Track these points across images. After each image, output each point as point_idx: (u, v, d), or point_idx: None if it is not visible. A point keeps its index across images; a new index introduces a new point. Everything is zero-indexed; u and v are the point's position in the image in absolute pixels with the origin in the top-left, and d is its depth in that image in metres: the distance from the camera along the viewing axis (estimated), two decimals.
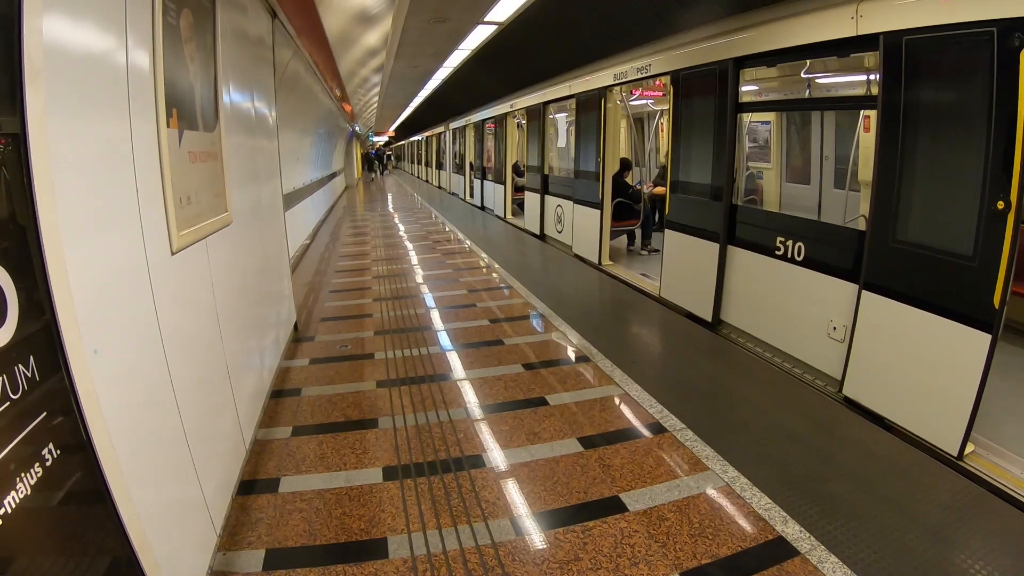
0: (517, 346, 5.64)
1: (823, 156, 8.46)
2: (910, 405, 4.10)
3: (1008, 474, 3.61)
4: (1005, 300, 3.51)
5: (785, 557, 2.77)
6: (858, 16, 4.42)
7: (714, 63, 6.25)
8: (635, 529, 2.95)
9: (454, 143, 24.01)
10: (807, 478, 3.44)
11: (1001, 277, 3.49)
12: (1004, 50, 3.40)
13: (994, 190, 3.49)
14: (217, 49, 3.22)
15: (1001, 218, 3.46)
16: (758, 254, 5.83)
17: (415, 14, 7.47)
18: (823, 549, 2.81)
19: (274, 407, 4.33)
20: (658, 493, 3.26)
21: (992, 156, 3.51)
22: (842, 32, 4.59)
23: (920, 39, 3.97)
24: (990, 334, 3.56)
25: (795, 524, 3.00)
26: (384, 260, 10.13)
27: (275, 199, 5.49)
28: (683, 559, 2.75)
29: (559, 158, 13.77)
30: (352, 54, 10.31)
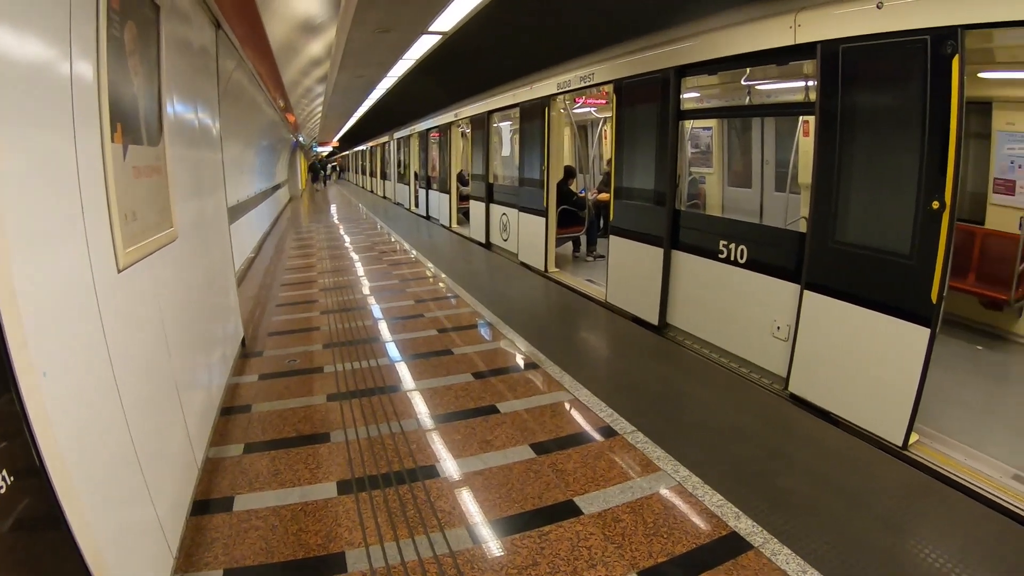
0: (466, 355, 5.67)
1: (764, 160, 8.78)
2: (854, 399, 4.28)
3: (952, 461, 3.81)
4: (942, 295, 3.71)
5: (739, 551, 2.88)
6: (796, 26, 4.62)
7: (656, 71, 6.43)
8: (591, 532, 3.02)
9: (398, 153, 23.89)
10: (757, 474, 3.57)
11: (938, 274, 3.69)
12: (937, 57, 3.60)
13: (929, 191, 3.69)
14: (161, 61, 3.17)
15: (937, 217, 3.67)
16: (702, 257, 6.01)
17: (360, 24, 7.43)
18: (776, 542, 2.93)
19: (224, 424, 4.25)
20: (612, 495, 3.34)
21: (927, 158, 3.71)
22: (781, 41, 4.79)
23: (856, 47, 4.18)
24: (929, 328, 3.75)
25: (747, 519, 3.11)
26: (330, 272, 10.02)
27: (220, 213, 5.39)
28: (639, 559, 2.83)
29: (504, 167, 13.89)
30: (296, 64, 10.18)
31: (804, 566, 2.76)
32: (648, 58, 6.61)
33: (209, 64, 5.01)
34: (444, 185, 16.37)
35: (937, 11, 3.60)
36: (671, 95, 6.22)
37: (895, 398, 3.96)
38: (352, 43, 8.51)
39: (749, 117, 8.83)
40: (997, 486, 3.53)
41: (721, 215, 7.75)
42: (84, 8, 2.14)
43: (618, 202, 7.39)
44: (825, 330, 4.51)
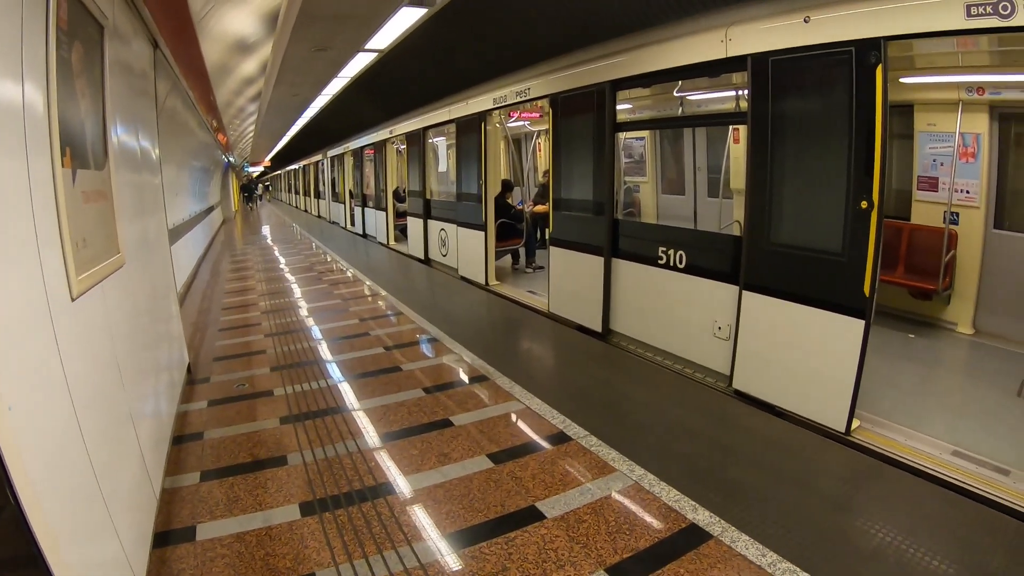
0: (414, 371, 5.70)
1: (696, 168, 9.09)
2: (797, 391, 4.51)
3: (893, 442, 4.07)
4: (875, 288, 3.96)
5: (700, 542, 3.02)
6: (727, 40, 4.85)
7: (592, 85, 6.61)
8: (555, 534, 3.09)
9: (333, 171, 23.64)
10: (709, 467, 3.75)
11: (869, 268, 3.94)
12: (862, 66, 3.87)
13: (858, 191, 3.95)
14: (105, 83, 3.11)
15: (866, 216, 3.93)
16: (642, 264, 6.20)
17: (297, 43, 7.40)
18: (734, 530, 3.09)
19: (178, 454, 4.14)
20: (572, 498, 3.43)
21: (854, 161, 3.96)
22: (713, 54, 5.02)
23: (785, 59, 4.41)
24: (864, 320, 4.00)
25: (704, 511, 3.26)
26: (270, 294, 9.85)
27: (161, 237, 5.26)
28: (605, 556, 2.92)
29: (441, 182, 13.92)
30: (229, 83, 10.02)
31: (763, 550, 2.92)
32: (584, 72, 6.80)
33: (148, 86, 4.92)
34: (380, 202, 16.29)
35: (861, 24, 3.87)
36: (607, 108, 6.41)
37: (836, 388, 4.18)
38: (288, 61, 8.46)
39: (684, 127, 9.13)
40: (938, 462, 3.80)
41: (656, 222, 7.99)
42: (34, 29, 2.11)
43: (557, 214, 7.53)
44: (765, 328, 4.73)
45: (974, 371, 5.59)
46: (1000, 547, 2.94)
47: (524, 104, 8.46)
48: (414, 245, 13.53)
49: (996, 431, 4.18)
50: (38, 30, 2.15)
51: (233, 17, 6.51)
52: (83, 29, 2.81)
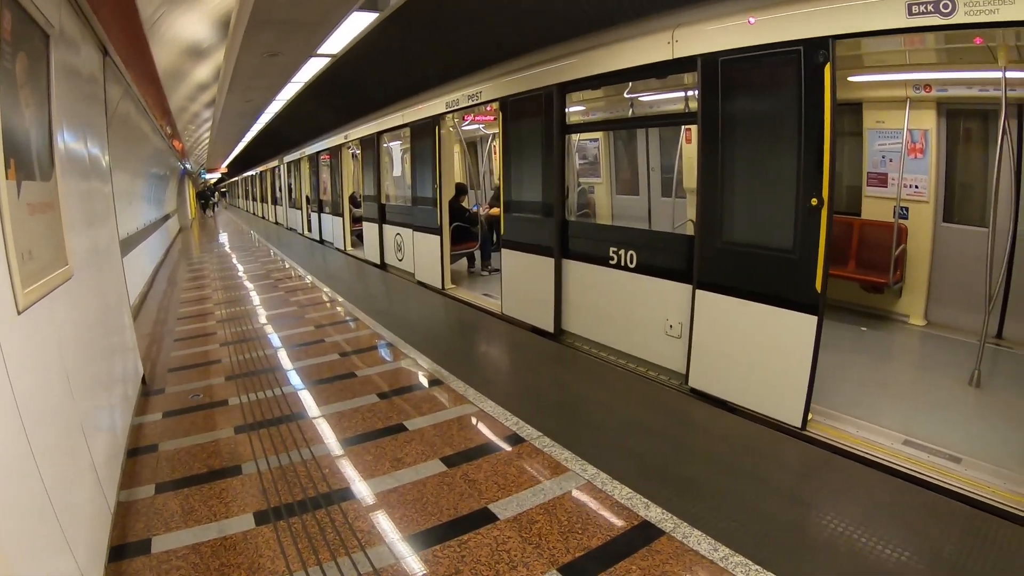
0: (370, 377, 5.72)
1: (649, 168, 9.27)
2: (752, 387, 4.62)
3: (846, 435, 4.21)
4: (826, 284, 4.07)
5: (653, 538, 3.10)
6: (674, 41, 4.96)
7: (541, 88, 6.71)
8: (508, 536, 3.16)
9: (289, 177, 23.42)
10: (663, 465, 3.84)
11: (820, 265, 4.05)
12: (811, 65, 3.97)
13: (808, 189, 4.06)
14: (51, 93, 3.09)
15: (816, 213, 4.04)
16: (593, 264, 6.30)
17: (249, 48, 7.35)
18: (686, 525, 3.18)
19: (132, 466, 4.09)
20: (525, 499, 3.50)
21: (804, 159, 4.06)
22: (660, 56, 5.13)
23: (733, 59, 4.52)
24: (816, 316, 4.11)
25: (657, 508, 3.35)
26: (226, 303, 9.75)
27: (113, 247, 5.19)
28: (558, 555, 2.99)
29: (396, 187, 13.91)
30: (182, 89, 9.88)
31: (715, 544, 3.01)
32: (533, 75, 6.90)
33: (97, 92, 4.86)
34: (336, 208, 16.23)
35: (809, 23, 3.99)
36: (556, 110, 6.51)
37: (790, 383, 4.30)
38: (241, 67, 8.39)
39: (633, 128, 9.29)
40: (890, 452, 3.96)
41: (611, 223, 8.12)
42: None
43: (508, 216, 7.63)
44: (719, 325, 4.83)
45: (926, 362, 5.83)
46: (952, 534, 3.07)
47: (476, 108, 8.54)
48: (370, 250, 13.53)
49: (948, 420, 4.35)
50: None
51: (185, 22, 6.45)
52: (28, 40, 2.79)
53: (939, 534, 3.07)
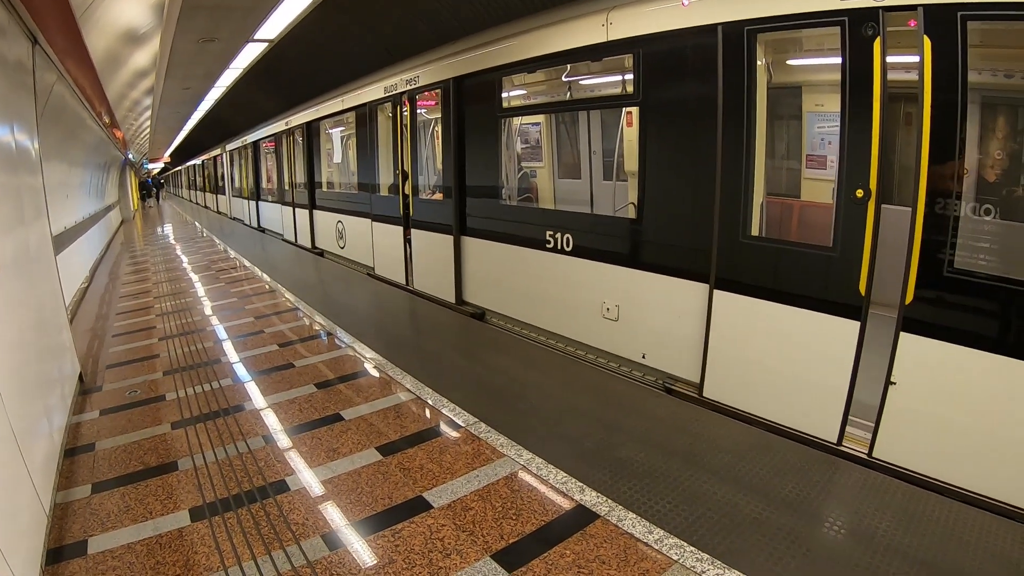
0: (307, 367, 5.76)
1: (591, 152, 9.38)
2: (780, 399, 4.33)
3: None
4: (871, 286, 3.75)
5: (587, 522, 3.20)
6: (608, 24, 5.06)
7: (478, 72, 6.84)
8: (442, 524, 3.26)
9: (232, 165, 22.99)
10: (598, 448, 3.95)
11: (866, 264, 3.72)
12: (857, 40, 3.65)
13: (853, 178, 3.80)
14: None
15: (861, 205, 3.75)
16: (528, 248, 6.47)
17: (183, 33, 7.24)
18: (621, 508, 3.29)
19: (69, 467, 4.07)
20: (459, 486, 3.60)
21: (849, 145, 3.73)
22: (595, 39, 5.23)
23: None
24: (859, 321, 3.80)
25: (592, 492, 3.46)
26: (168, 295, 9.62)
27: (44, 243, 5.08)
28: (491, 542, 3.09)
29: (339, 173, 13.87)
30: (120, 77, 9.61)
31: (649, 527, 3.12)
32: (470, 59, 6.98)
33: (26, 80, 4.73)
34: (280, 196, 16.08)
35: (732, 4, 4.11)
36: (495, 94, 6.62)
37: (825, 394, 4.00)
38: (176, 53, 8.26)
39: (569, 111, 9.38)
40: None
41: (554, 207, 8.28)
42: None
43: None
44: (741, 330, 4.52)
45: None
46: None
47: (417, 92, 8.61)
48: (306, 236, 13.67)
49: None
50: None
51: (120, 8, 6.30)
52: None
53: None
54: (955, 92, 3.21)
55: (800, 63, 6.50)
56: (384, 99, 9.19)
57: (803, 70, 6.65)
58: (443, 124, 7.80)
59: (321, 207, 12.86)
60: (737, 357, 4.44)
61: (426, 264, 8.65)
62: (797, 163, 6.79)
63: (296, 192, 14.20)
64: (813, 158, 6.97)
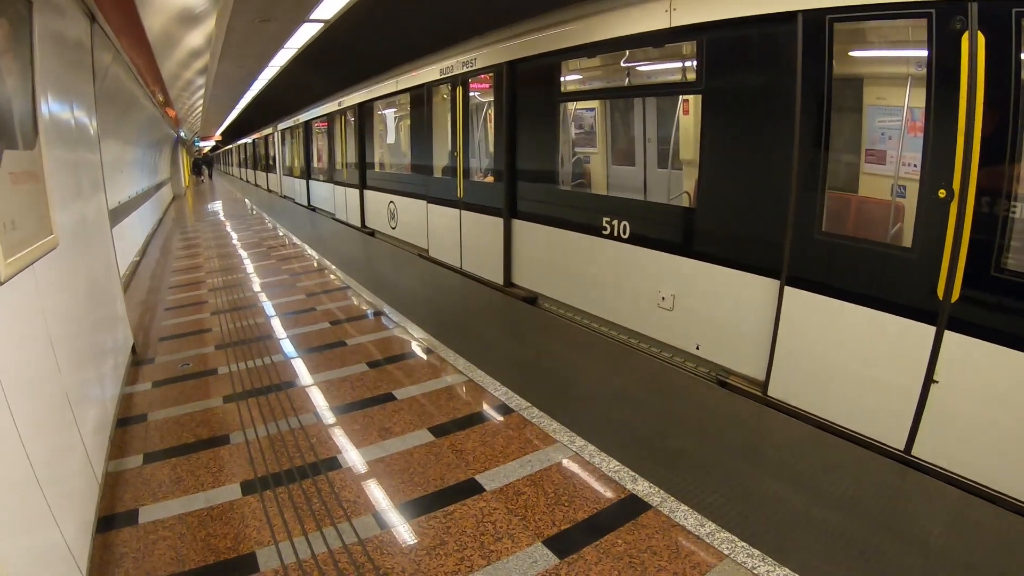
0: (360, 346, 5.74)
1: (646, 139, 9.19)
2: (848, 402, 4.16)
3: None
4: (951, 291, 3.56)
5: (639, 512, 3.12)
6: (672, 10, 4.90)
7: (536, 56, 6.73)
8: (494, 507, 3.19)
9: (283, 144, 23.27)
10: (650, 438, 3.85)
11: (944, 268, 3.55)
12: (945, 32, 3.47)
13: (935, 177, 3.64)
14: (35, 60, 3.04)
15: (943, 207, 3.59)
16: (584, 234, 6.39)
17: (240, 14, 7.27)
18: (673, 500, 3.20)
19: (121, 436, 4.11)
20: (512, 470, 3.53)
21: (933, 143, 3.55)
22: (657, 24, 5.08)
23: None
24: (934, 326, 3.66)
25: (644, 481, 3.37)
26: (219, 271, 9.74)
27: (101, 216, 5.15)
28: (543, 528, 3.02)
29: (391, 154, 13.90)
30: (175, 56, 9.73)
31: (701, 520, 3.03)
32: (527, 43, 6.88)
33: (84, 59, 4.78)
34: (332, 176, 16.19)
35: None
36: (554, 79, 6.49)
37: (895, 400, 3.84)
38: (232, 33, 8.30)
39: (628, 98, 9.20)
40: None
41: (606, 193, 8.15)
42: None
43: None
44: (812, 329, 4.35)
45: None
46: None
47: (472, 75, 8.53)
48: (362, 217, 13.69)
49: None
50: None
51: None
52: (10, 5, 2.74)
53: None
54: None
55: (868, 55, 6.25)
56: (440, 80, 9.15)
57: (871, 62, 6.37)
58: (497, 107, 7.74)
59: (372, 187, 12.92)
60: (807, 357, 4.27)
61: (475, 245, 8.62)
62: (874, 159, 6.55)
63: (348, 172, 14.25)
64: (875, 153, 6.72)
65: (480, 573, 2.73)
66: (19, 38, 2.86)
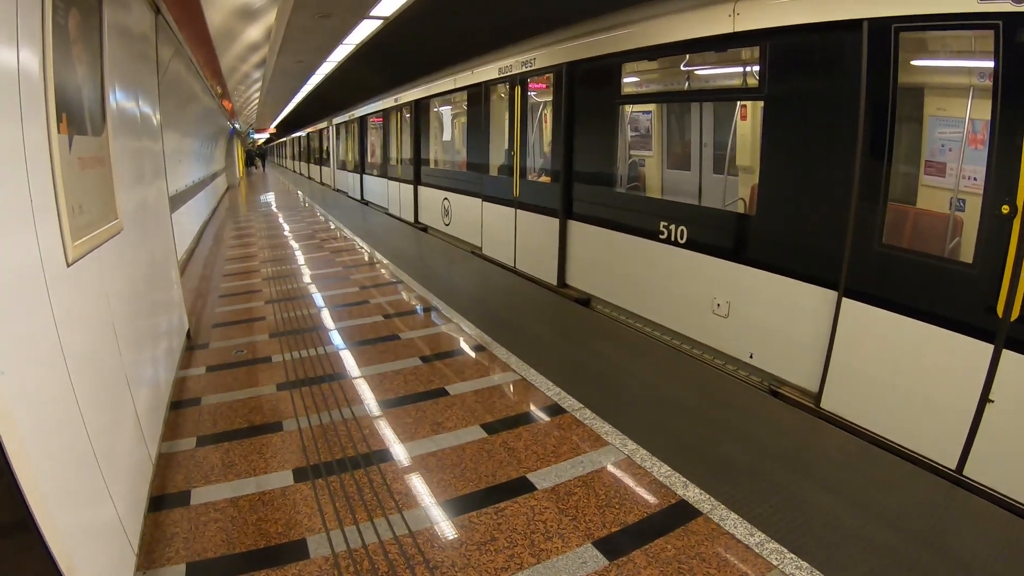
0: (413, 340, 5.75)
1: (702, 143, 9.02)
2: (900, 417, 4.05)
3: None
4: (1010, 309, 3.47)
5: (689, 518, 3.05)
6: (735, 14, 4.78)
7: (596, 58, 6.66)
8: (545, 506, 3.15)
9: (338, 139, 23.58)
10: (701, 444, 3.77)
11: (1005, 285, 3.46)
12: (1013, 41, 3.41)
13: (999, 192, 3.52)
14: (104, 49, 3.10)
15: (1006, 223, 3.50)
16: (640, 237, 6.29)
17: (300, 9, 7.34)
18: (723, 508, 3.12)
19: (175, 419, 4.20)
20: (563, 470, 3.48)
21: (997, 156, 3.44)
22: (720, 29, 4.96)
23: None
24: (992, 344, 3.56)
25: (695, 488, 3.30)
26: (272, 261, 9.91)
27: (162, 203, 5.28)
28: (594, 529, 2.97)
29: (446, 151, 13.96)
30: (234, 50, 9.93)
31: (751, 529, 2.95)
32: (586, 44, 6.82)
33: (149, 51, 4.89)
34: (386, 171, 16.29)
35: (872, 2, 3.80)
36: (614, 81, 6.38)
37: (948, 418, 3.73)
38: (292, 28, 8.39)
39: (688, 102, 9.05)
40: None
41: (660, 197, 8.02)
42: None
43: None
44: (868, 343, 4.23)
45: None
46: None
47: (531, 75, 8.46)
48: (415, 213, 13.73)
49: None
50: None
51: None
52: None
53: None
54: None
55: (930, 64, 6.00)
56: (498, 79, 9.14)
57: (933, 71, 6.10)
58: (555, 107, 7.69)
59: (426, 183, 12.98)
60: (862, 370, 4.13)
61: (529, 245, 8.57)
62: (933, 171, 6.30)
63: (402, 168, 14.36)
64: (934, 165, 6.45)
65: (529, 571, 2.70)
66: (89, 28, 2.92)
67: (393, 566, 2.72)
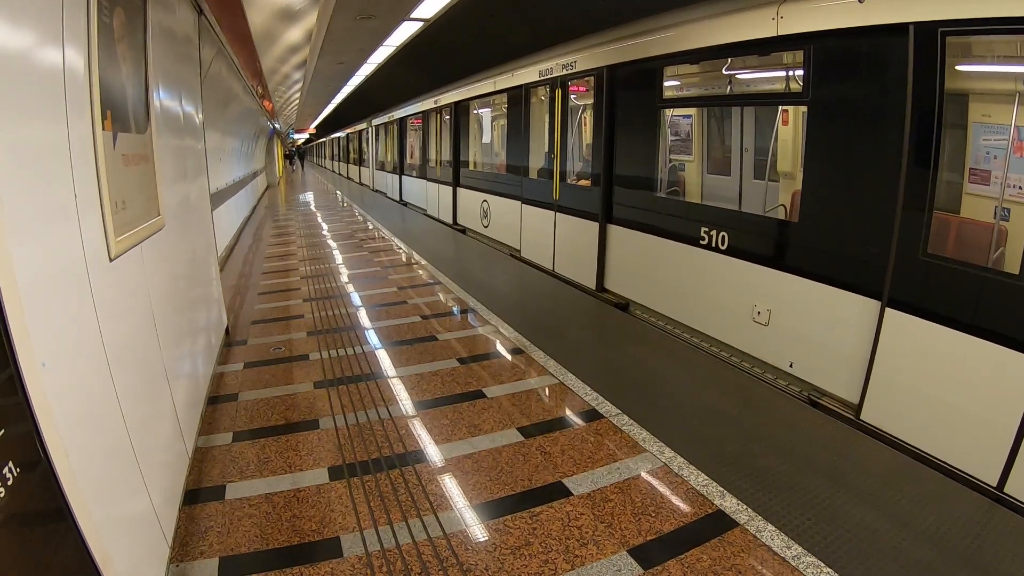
0: (450, 341, 5.72)
1: (743, 148, 8.86)
2: (943, 431, 3.94)
3: None
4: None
5: (725, 529, 2.97)
6: (779, 17, 4.67)
7: (636, 61, 6.57)
8: (581, 512, 3.09)
9: (377, 140, 23.78)
10: (739, 454, 3.67)
11: None
12: None
13: None
14: (148, 48, 3.14)
15: None
16: (681, 243, 6.20)
17: (342, 11, 7.39)
18: (760, 519, 3.03)
19: (212, 414, 4.24)
20: (600, 476, 3.42)
21: None
22: (763, 32, 4.85)
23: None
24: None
25: (732, 498, 3.21)
26: (310, 260, 9.99)
27: (203, 200, 5.35)
28: (629, 537, 2.91)
29: (486, 153, 13.97)
30: (274, 51, 10.07)
31: (788, 542, 2.86)
32: (627, 47, 6.73)
33: (191, 51, 4.96)
34: (425, 172, 16.35)
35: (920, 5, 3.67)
36: (655, 84, 6.29)
37: (991, 434, 3.62)
38: (333, 29, 8.46)
39: (730, 106, 8.91)
40: None
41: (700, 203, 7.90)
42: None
43: None
44: (912, 355, 4.12)
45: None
46: None
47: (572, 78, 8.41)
48: (457, 216, 13.75)
49: None
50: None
51: None
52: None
53: None
54: None
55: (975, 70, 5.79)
56: (538, 82, 9.10)
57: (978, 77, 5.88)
58: (596, 111, 7.62)
59: (465, 185, 13.00)
60: (904, 382, 4.00)
61: (568, 248, 8.51)
62: (977, 179, 6.10)
63: (441, 169, 14.44)
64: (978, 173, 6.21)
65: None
66: (134, 28, 2.95)
67: (426, 567, 2.69)
